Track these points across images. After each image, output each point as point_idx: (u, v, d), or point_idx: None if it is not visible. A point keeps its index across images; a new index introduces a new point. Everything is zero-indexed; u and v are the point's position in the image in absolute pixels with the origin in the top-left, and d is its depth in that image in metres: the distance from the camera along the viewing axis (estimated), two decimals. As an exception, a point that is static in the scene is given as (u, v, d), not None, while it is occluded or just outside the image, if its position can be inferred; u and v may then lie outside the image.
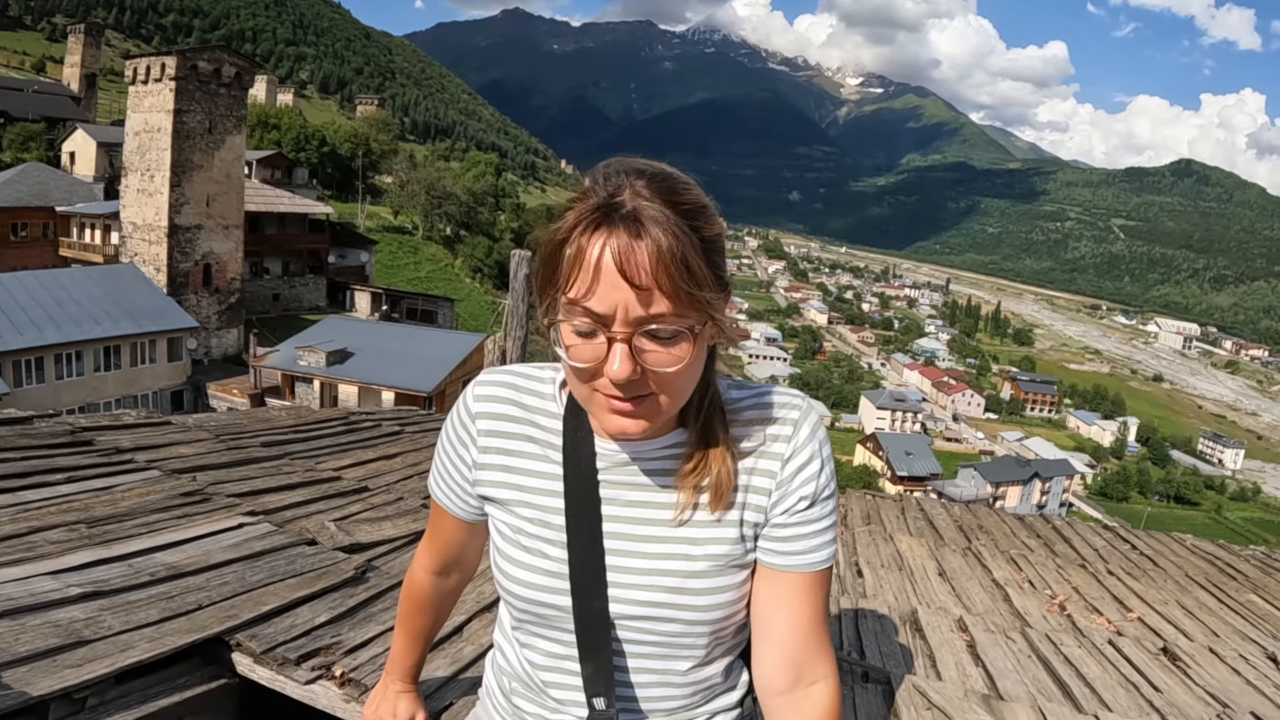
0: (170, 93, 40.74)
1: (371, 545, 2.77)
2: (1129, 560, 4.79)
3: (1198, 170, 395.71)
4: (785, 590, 1.14)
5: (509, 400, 1.20)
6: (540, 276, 1.02)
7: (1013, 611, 3.39)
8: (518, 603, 1.18)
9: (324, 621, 2.11)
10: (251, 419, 4.66)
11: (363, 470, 3.96)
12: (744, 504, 1.13)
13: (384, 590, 2.38)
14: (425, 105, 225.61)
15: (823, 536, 1.16)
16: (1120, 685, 2.68)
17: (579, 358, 0.99)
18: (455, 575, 1.42)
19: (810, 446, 1.14)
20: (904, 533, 4.52)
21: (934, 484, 77.80)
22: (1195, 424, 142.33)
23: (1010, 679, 2.54)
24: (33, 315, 30.42)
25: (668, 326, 0.96)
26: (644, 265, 0.93)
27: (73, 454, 3.21)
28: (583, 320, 0.96)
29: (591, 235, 0.95)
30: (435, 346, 35.09)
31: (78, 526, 2.47)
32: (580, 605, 1.12)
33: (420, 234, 76.64)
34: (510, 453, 1.19)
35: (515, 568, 1.17)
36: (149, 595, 2.09)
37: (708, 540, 1.13)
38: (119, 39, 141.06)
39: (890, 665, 2.44)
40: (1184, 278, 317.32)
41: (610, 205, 0.95)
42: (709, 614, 1.13)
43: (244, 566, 2.35)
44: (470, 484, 1.23)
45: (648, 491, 1.14)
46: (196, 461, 3.43)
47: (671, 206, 0.96)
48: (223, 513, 2.77)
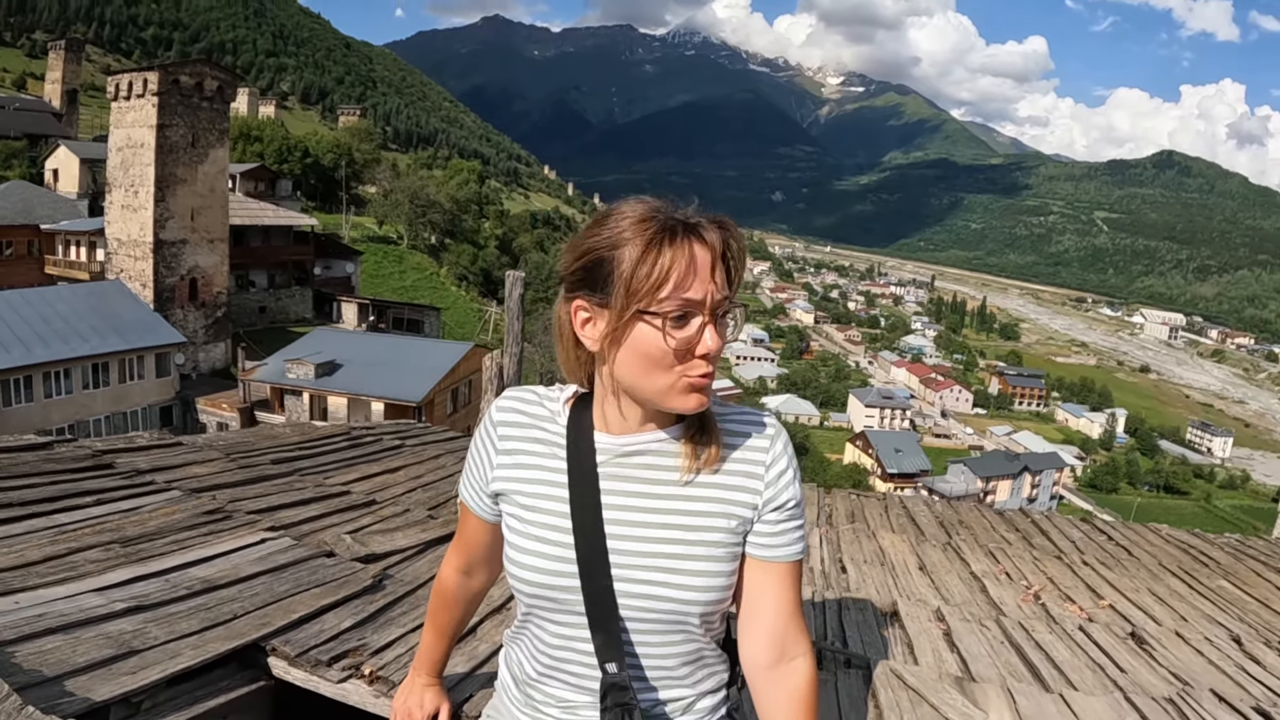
0: (153, 108, 40.65)
1: (385, 555, 2.96)
2: (1104, 551, 4.98)
3: (1179, 161, 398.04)
4: (772, 578, 1.36)
5: (523, 412, 1.41)
6: (626, 284, 1.20)
7: (989, 602, 3.57)
8: (528, 589, 1.35)
9: (349, 626, 2.30)
10: (259, 437, 4.83)
11: (369, 484, 4.14)
12: (735, 501, 1.33)
13: (401, 596, 2.57)
14: (407, 114, 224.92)
15: (800, 531, 1.39)
16: (1087, 667, 2.87)
17: (680, 342, 1.21)
18: (480, 576, 1.60)
19: (786, 457, 1.37)
20: (887, 529, 4.72)
21: (924, 480, 78.04)
22: (1183, 413, 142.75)
23: (983, 663, 2.73)
24: (20, 334, 30.26)
25: (734, 308, 1.25)
26: (722, 261, 1.23)
27: (97, 477, 3.37)
28: (680, 308, 1.19)
29: (676, 243, 1.19)
30: (423, 356, 34.98)
31: (112, 546, 2.64)
32: (589, 584, 1.29)
33: (405, 243, 76.59)
34: (522, 453, 1.39)
35: (527, 555, 1.34)
36: (188, 607, 2.27)
37: (702, 527, 1.31)
38: (99, 54, 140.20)
39: (870, 652, 2.63)
40: (1168, 269, 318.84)
41: (679, 220, 1.22)
42: (700, 595, 1.30)
43: (271, 578, 2.54)
44: (487, 483, 1.42)
45: (644, 483, 1.33)
46: (213, 480, 3.61)
47: (722, 223, 1.25)
48: (245, 529, 2.95)
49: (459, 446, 5.66)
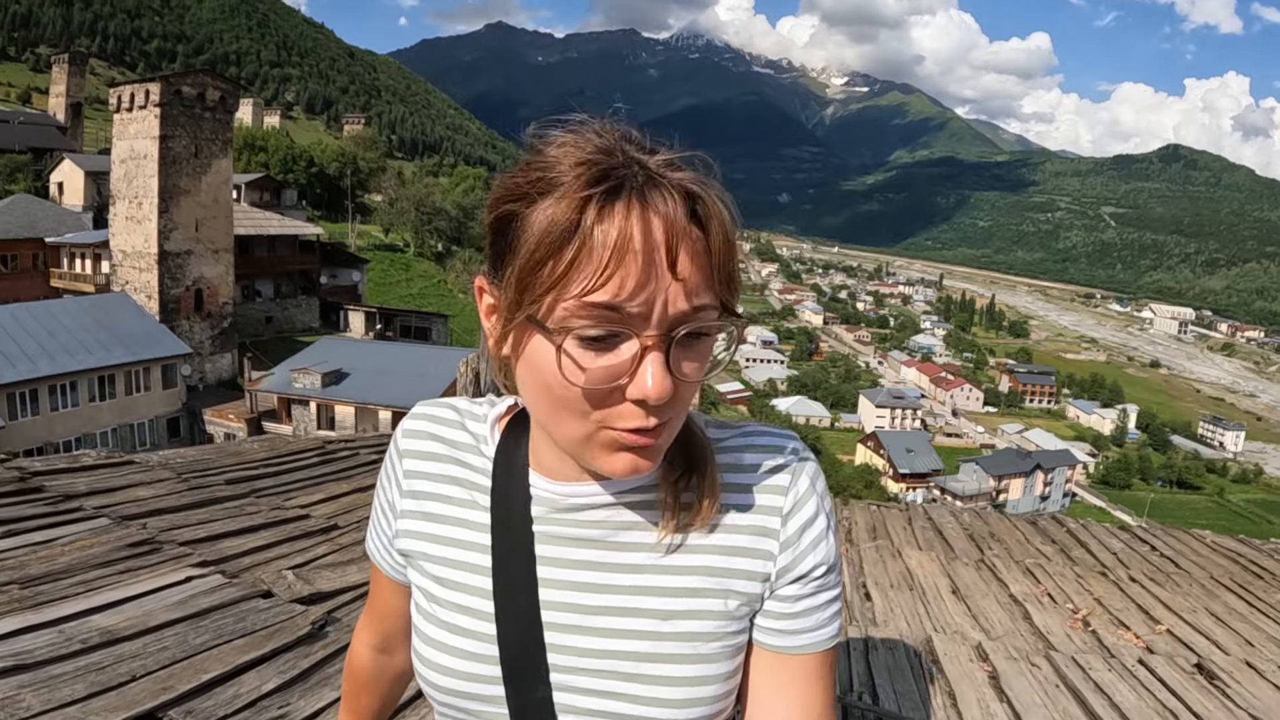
0: (155, 119, 40.56)
1: (333, 594, 2.54)
2: (1149, 564, 4.57)
3: (1185, 155, 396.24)
4: (792, 676, 0.86)
5: (436, 436, 0.92)
6: (518, 269, 0.71)
7: (1034, 631, 3.16)
8: (439, 695, 0.88)
9: (272, 689, 1.89)
10: (220, 454, 4.42)
11: (334, 505, 3.73)
12: (735, 572, 0.85)
13: (343, 647, 2.15)
14: (412, 122, 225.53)
15: (834, 607, 0.89)
16: (1157, 714, 2.46)
17: (592, 379, 0.70)
18: (401, 653, 1.11)
19: (813, 500, 0.86)
20: (913, 546, 4.29)
21: (936, 480, 77.73)
22: (1194, 408, 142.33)
23: (1038, 715, 2.31)
24: (25, 347, 30.25)
25: (710, 325, 0.72)
26: (688, 244, 0.69)
27: (17, 504, 2.98)
28: (599, 325, 0.69)
29: (612, 210, 0.68)
30: (430, 363, 34.89)
31: (9, 588, 2.24)
32: (517, 695, 0.84)
33: (411, 251, 76.54)
34: (432, 497, 0.91)
35: (432, 650, 0.88)
36: (76, 668, 1.87)
37: (684, 614, 0.84)
38: (103, 67, 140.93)
39: (907, 708, 2.21)
40: (1176, 263, 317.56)
41: (627, 170, 0.70)
42: (682, 712, 0.82)
43: (187, 628, 2.13)
44: (392, 536, 0.95)
45: (601, 549, 0.85)
46: (152, 505, 3.20)
47: (701, 180, 0.73)
48: (170, 565, 2.54)
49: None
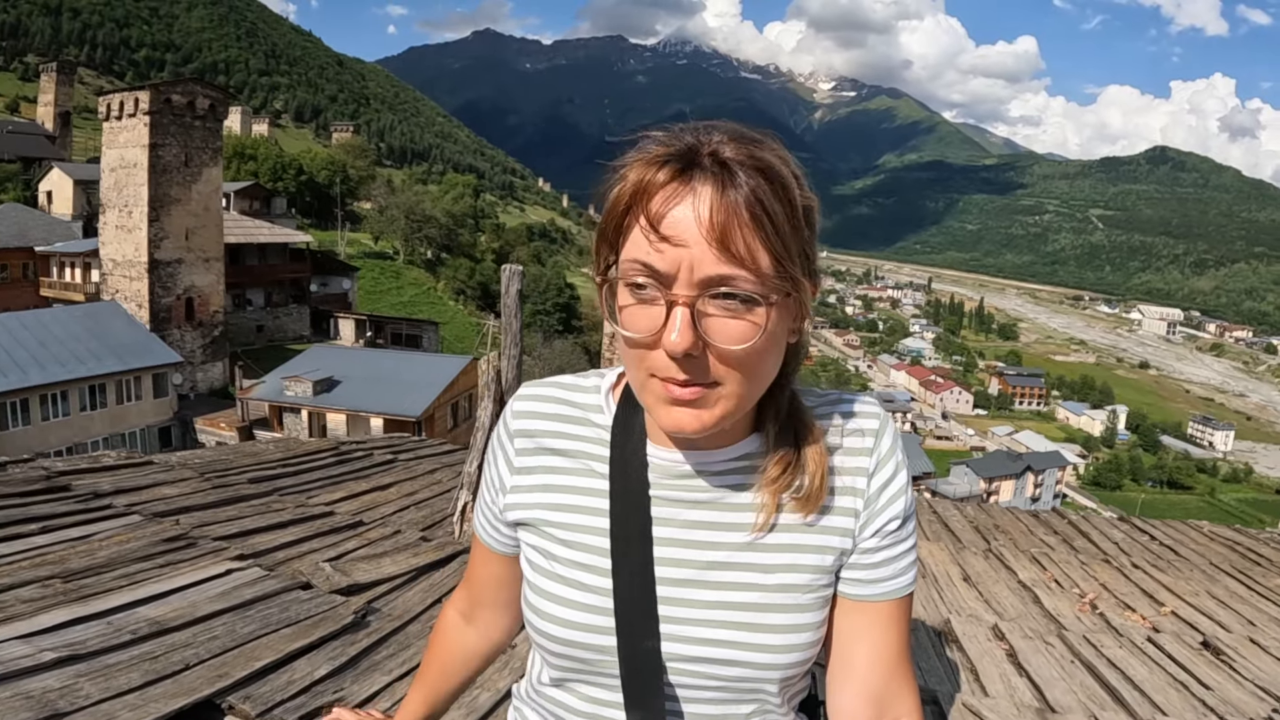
0: (145, 127, 40.54)
1: (371, 585, 2.60)
2: (1150, 552, 4.66)
3: (1172, 156, 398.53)
4: (871, 621, 0.96)
5: (548, 413, 1.02)
6: (600, 235, 0.86)
7: (1045, 614, 3.25)
8: (553, 646, 0.97)
9: (324, 675, 1.95)
10: (238, 454, 4.47)
11: (356, 503, 3.79)
12: (831, 529, 0.94)
13: (387, 635, 2.21)
14: (400, 130, 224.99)
15: (910, 557, 0.98)
16: (1170, 686, 2.55)
17: (632, 325, 0.82)
18: (484, 624, 1.18)
19: (895, 458, 0.96)
20: (922, 538, 4.38)
21: (927, 483, 77.82)
22: (1184, 408, 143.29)
23: (1058, 688, 2.39)
24: (16, 357, 30.12)
25: (741, 290, 0.80)
26: (721, 215, 0.78)
27: (48, 501, 3.03)
28: (639, 275, 0.81)
29: (662, 183, 0.80)
30: (422, 371, 34.94)
31: (52, 582, 2.29)
32: (627, 646, 0.92)
33: (401, 259, 76.58)
34: (547, 469, 1.01)
35: (550, 603, 0.96)
36: (130, 657, 1.92)
37: (784, 568, 0.93)
38: (92, 76, 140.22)
39: (933, 682, 2.29)
40: (1165, 264, 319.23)
41: (683, 153, 0.81)
42: (782, 657, 0.93)
43: (234, 618, 2.18)
44: (501, 510, 1.04)
45: (711, 510, 0.94)
46: (180, 503, 3.26)
47: (754, 157, 0.82)
48: (209, 558, 2.59)
49: (455, 460, 5.32)
